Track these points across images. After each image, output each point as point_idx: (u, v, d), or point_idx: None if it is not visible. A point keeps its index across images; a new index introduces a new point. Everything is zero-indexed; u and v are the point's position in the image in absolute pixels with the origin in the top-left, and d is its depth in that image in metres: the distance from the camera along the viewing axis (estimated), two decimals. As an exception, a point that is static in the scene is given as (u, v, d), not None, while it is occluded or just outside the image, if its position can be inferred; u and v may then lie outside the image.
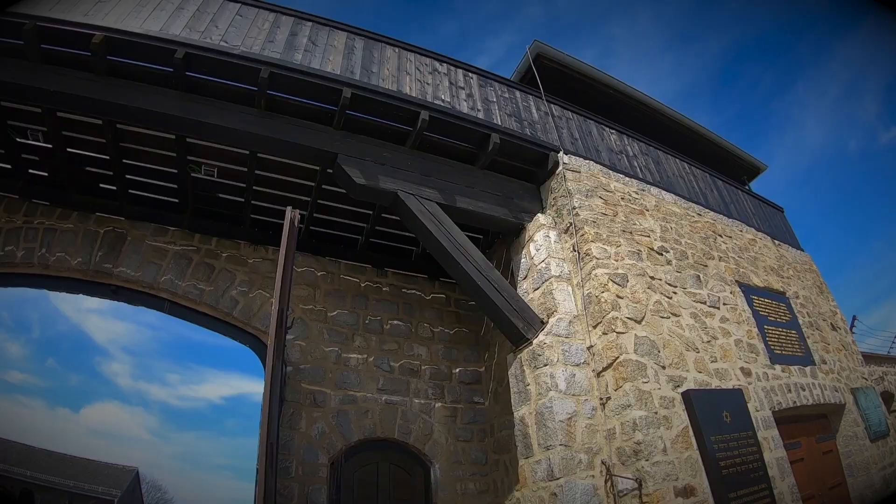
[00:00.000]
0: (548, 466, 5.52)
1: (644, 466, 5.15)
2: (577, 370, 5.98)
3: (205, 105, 6.48)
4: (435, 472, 7.53)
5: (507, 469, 7.19)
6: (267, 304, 7.69)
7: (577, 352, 6.10)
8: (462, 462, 7.63)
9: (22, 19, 6.33)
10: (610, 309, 6.06)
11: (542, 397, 5.87)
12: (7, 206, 7.97)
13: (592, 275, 6.38)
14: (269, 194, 8.05)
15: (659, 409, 5.59)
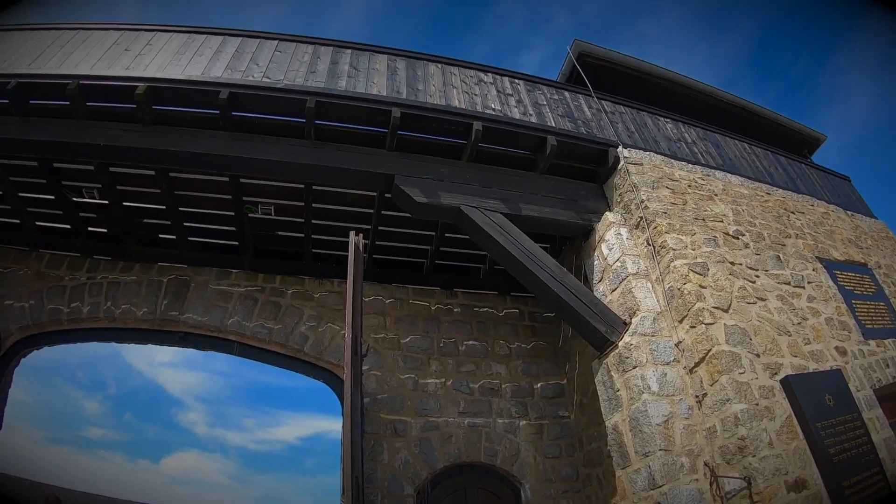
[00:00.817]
0: (648, 475, 5.20)
1: (751, 463, 4.79)
2: (668, 369, 5.66)
3: (254, 142, 6.44)
4: (525, 492, 7.22)
5: (601, 483, 6.85)
6: (338, 337, 7.56)
7: (665, 350, 5.78)
8: (552, 480, 7.31)
9: (65, 79, 6.44)
10: (694, 300, 5.74)
11: (634, 401, 5.57)
12: (70, 263, 8.14)
13: (671, 267, 6.07)
14: (329, 226, 7.95)
15: (759, 401, 5.23)
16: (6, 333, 7.79)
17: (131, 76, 6.51)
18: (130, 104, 6.49)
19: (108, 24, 7.51)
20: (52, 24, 7.64)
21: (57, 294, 7.90)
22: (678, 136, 8.45)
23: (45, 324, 7.81)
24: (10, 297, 7.93)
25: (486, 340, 8.11)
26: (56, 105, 6.73)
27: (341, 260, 8.01)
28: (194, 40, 7.15)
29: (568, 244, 7.81)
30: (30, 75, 6.71)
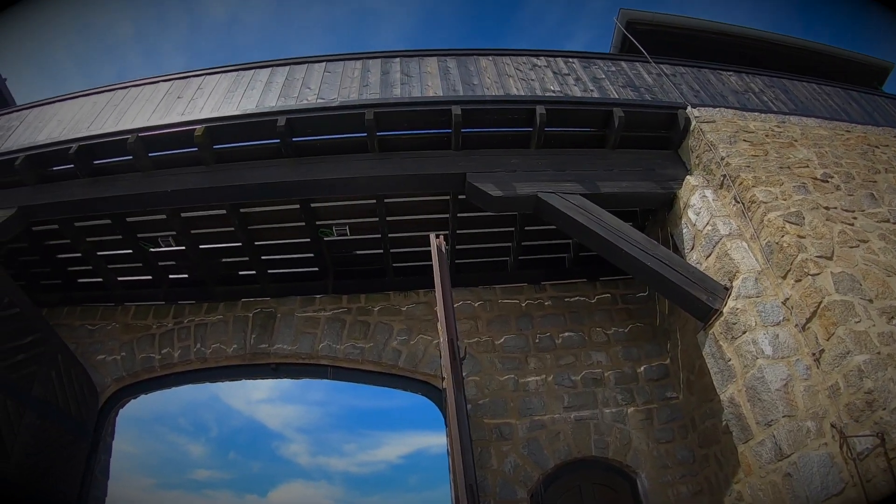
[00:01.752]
0: (773, 445, 4.86)
1: (882, 417, 4.38)
2: (779, 329, 5.32)
3: (320, 164, 6.44)
4: (641, 482, 6.92)
5: (720, 462, 6.50)
6: (431, 347, 7.46)
7: (773, 309, 5.44)
8: (668, 465, 6.98)
9: (124, 135, 6.60)
10: (796, 252, 5.39)
11: (748, 369, 5.24)
12: (156, 312, 8.37)
13: (765, 221, 5.74)
14: (406, 238, 7.88)
15: (881, 349, 4.82)
16: (102, 387, 8.02)
17: (187, 120, 6.59)
18: (191, 147, 6.57)
19: (157, 77, 7.64)
20: (105, 87, 7.85)
21: (147, 343, 8.11)
22: (744, 87, 8.11)
23: (138, 373, 8.04)
24: (102, 352, 8.19)
25: (581, 330, 7.84)
26: (120, 161, 6.90)
27: (423, 270, 7.89)
28: (243, 77, 7.20)
29: (650, 218, 7.51)
30: (90, 137, 6.88)
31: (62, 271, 8.84)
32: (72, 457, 7.51)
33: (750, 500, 5.31)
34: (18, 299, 6.84)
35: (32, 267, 8.88)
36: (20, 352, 6.79)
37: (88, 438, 7.81)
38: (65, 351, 7.63)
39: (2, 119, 8.42)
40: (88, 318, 8.63)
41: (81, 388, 7.74)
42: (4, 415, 6.47)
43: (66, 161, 7.06)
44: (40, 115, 8.03)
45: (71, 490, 7.46)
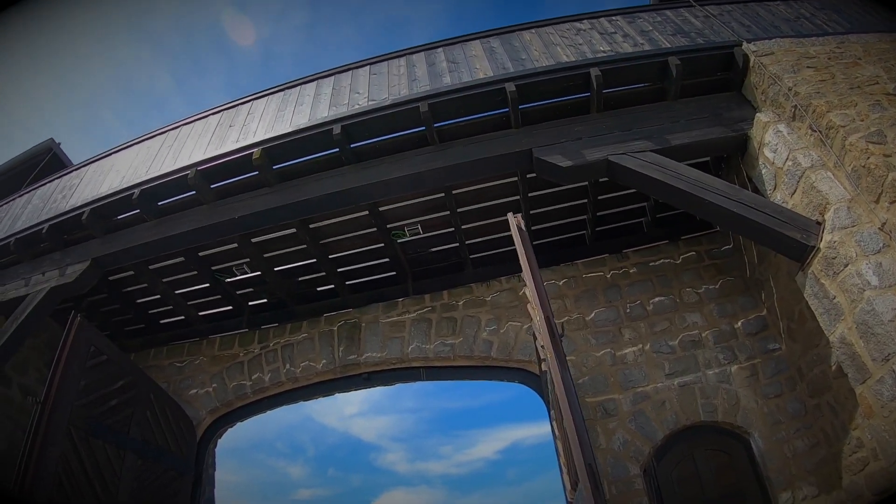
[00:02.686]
0: (894, 381, 4.56)
1: None
2: (881, 257, 5.00)
3: (381, 165, 6.37)
4: (755, 441, 6.62)
5: (834, 409, 6.15)
6: (522, 333, 7.32)
7: (871, 237, 5.12)
8: (780, 421, 6.66)
9: (183, 171, 6.71)
10: (885, 172, 5.08)
11: (856, 303, 4.93)
12: (240, 340, 8.50)
13: (846, 146, 5.44)
14: (479, 227, 7.79)
15: None
16: (198, 420, 8.16)
17: (243, 146, 6.61)
18: (252, 172, 6.62)
19: (206, 112, 7.74)
20: (156, 131, 8.00)
21: (236, 371, 8.23)
22: (794, 14, 7.77)
23: (232, 401, 8.16)
24: (194, 386, 8.35)
25: (671, 293, 7.56)
26: (183, 198, 6.99)
27: (502, 257, 7.91)
28: (290, 95, 7.21)
29: (724, 166, 7.24)
30: (150, 180, 6.98)
31: (144, 315, 9.01)
32: (177, 492, 7.63)
33: (873, 445, 5.01)
34: (105, 347, 6.94)
35: (115, 315, 9.08)
36: (113, 397, 6.92)
37: (191, 472, 7.93)
38: (157, 390, 7.75)
39: (63, 180, 8.62)
40: (176, 356, 8.82)
41: (178, 424, 7.87)
42: (105, 460, 6.60)
43: (131, 207, 7.18)
44: (98, 169, 8.18)
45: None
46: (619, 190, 7.22)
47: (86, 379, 6.54)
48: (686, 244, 7.91)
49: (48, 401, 5.98)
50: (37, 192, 8.95)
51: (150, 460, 7.25)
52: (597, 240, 8.08)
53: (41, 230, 7.80)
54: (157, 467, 7.34)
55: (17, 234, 8.13)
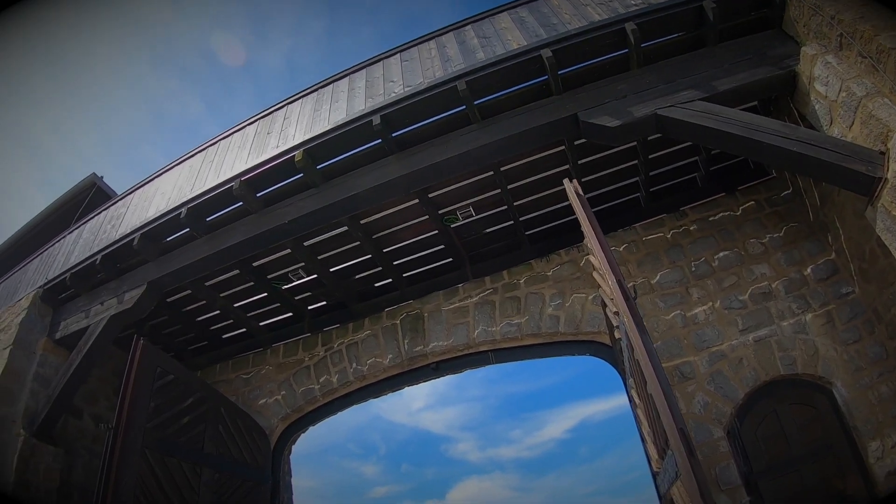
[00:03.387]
0: None
1: None
2: None
3: (426, 150, 6.30)
4: (838, 391, 6.36)
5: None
6: (588, 304, 7.16)
7: (939, 158, 4.89)
8: (862, 367, 6.38)
9: (227, 184, 6.76)
10: (945, 90, 4.84)
11: None
12: (304, 344, 8.59)
13: (902, 66, 5.19)
14: (532, 202, 7.64)
15: None
16: (270, 429, 8.21)
17: (284, 150, 6.60)
18: (296, 175, 6.63)
19: (242, 123, 7.78)
20: (196, 150, 8.09)
21: (303, 376, 8.28)
22: (821, -63, 7.50)
23: (302, 406, 8.20)
24: (262, 396, 8.43)
25: (735, 246, 7.30)
26: (231, 210, 7.04)
27: (558, 230, 7.81)
28: (324, 94, 7.17)
29: (773, 109, 6.99)
30: (195, 197, 7.02)
31: (206, 332, 9.11)
32: (256, 502, 7.70)
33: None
34: (171, 367, 7.02)
35: (177, 336, 9.19)
36: (184, 415, 6.99)
37: (268, 481, 8.00)
38: (227, 404, 7.81)
39: (110, 210, 8.73)
40: (242, 369, 8.93)
41: (251, 435, 7.93)
42: (182, 478, 6.68)
43: (180, 227, 7.26)
44: (143, 195, 8.27)
45: None
46: (669, 147, 7.03)
47: (155, 400, 6.61)
48: (744, 194, 7.64)
49: (120, 426, 6.05)
50: (86, 226, 9.09)
51: (227, 473, 7.31)
52: (652, 200, 7.85)
53: (95, 261, 7.92)
54: (234, 480, 7.40)
55: (72, 269, 8.28)
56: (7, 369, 7.80)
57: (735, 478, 5.90)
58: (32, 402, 7.75)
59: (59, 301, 8.76)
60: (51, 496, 7.41)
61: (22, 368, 7.99)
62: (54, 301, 8.75)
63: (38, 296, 8.62)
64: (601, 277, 5.33)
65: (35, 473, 7.29)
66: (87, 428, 8.35)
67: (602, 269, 4.82)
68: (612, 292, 4.68)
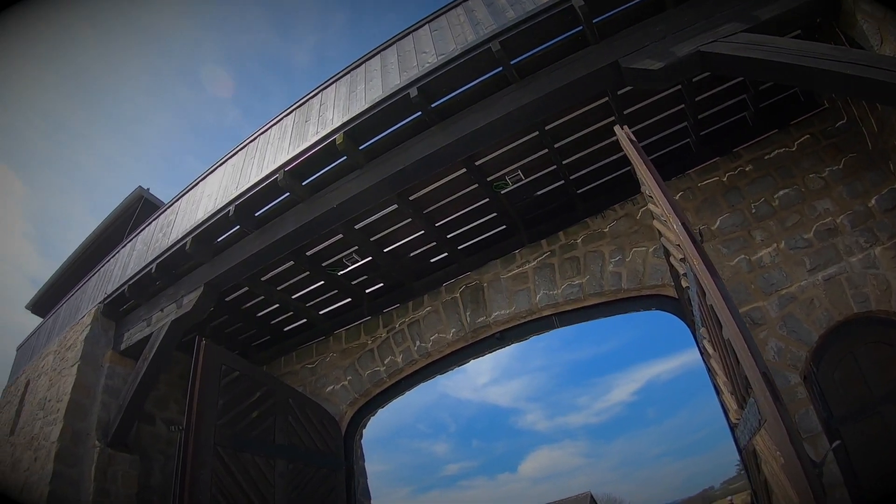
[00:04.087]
0: None
1: None
2: None
3: (468, 116, 6.19)
4: (915, 326, 6.10)
5: None
6: (650, 257, 6.97)
7: None
8: (938, 298, 6.12)
9: (271, 176, 6.87)
10: None
11: None
12: (365, 328, 8.67)
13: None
14: (581, 159, 7.44)
15: None
16: (340, 415, 8.31)
17: (323, 136, 6.59)
18: (339, 158, 6.62)
19: (278, 116, 7.79)
20: (236, 149, 8.12)
21: (368, 359, 8.33)
22: None
23: (369, 390, 8.26)
24: (329, 383, 8.54)
25: (794, 183, 7.00)
26: (279, 202, 7.10)
27: (610, 184, 7.63)
28: (357, 74, 7.12)
29: (818, 34, 6.69)
30: (241, 194, 7.10)
31: (267, 326, 9.24)
32: (332, 489, 7.78)
33: None
34: (235, 363, 7.08)
35: (240, 334, 9.33)
36: (252, 409, 7.06)
37: (342, 467, 8.08)
38: (294, 394, 7.86)
39: (160, 219, 8.87)
40: (306, 359, 9.06)
41: (321, 423, 7.99)
42: (257, 472, 6.76)
43: (230, 225, 7.34)
44: (190, 199, 8.37)
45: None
46: (714, 87, 6.81)
47: (223, 398, 6.69)
48: (797, 129, 7.33)
49: (191, 426, 6.14)
50: (139, 238, 9.26)
51: (300, 463, 7.39)
52: (703, 145, 7.59)
53: (150, 270, 8.08)
54: (308, 469, 7.48)
55: (129, 280, 8.48)
56: (77, 385, 8.08)
57: (815, 424, 5.68)
58: (104, 413, 8.02)
59: (121, 313, 8.97)
60: (130, 502, 7.65)
61: (91, 382, 8.27)
62: (116, 314, 8.98)
63: (100, 311, 8.86)
64: (663, 224, 5.17)
65: (114, 482, 7.54)
66: (160, 433, 8.53)
67: (664, 214, 4.64)
68: (676, 237, 4.50)
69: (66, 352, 8.86)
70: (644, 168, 4.81)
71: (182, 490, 5.85)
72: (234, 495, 6.34)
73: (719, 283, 4.02)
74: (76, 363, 8.26)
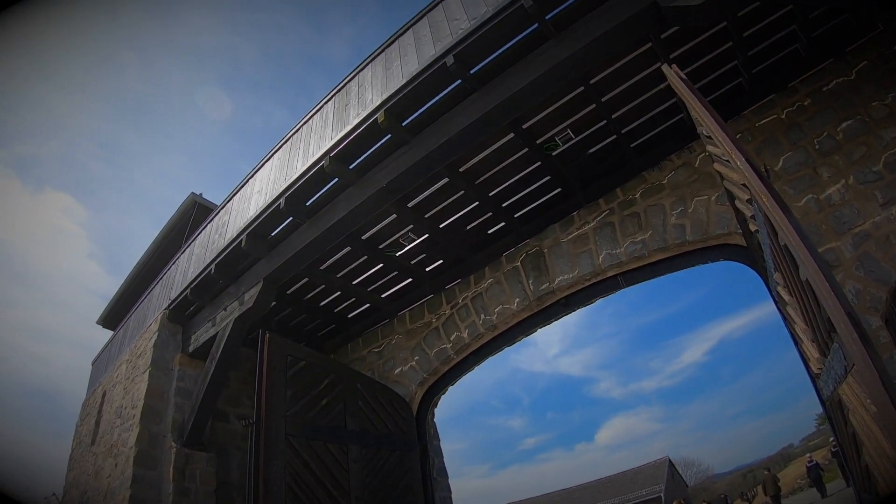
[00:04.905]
0: None
1: None
2: None
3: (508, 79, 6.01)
4: None
5: None
6: (713, 206, 6.67)
7: None
8: None
9: (318, 163, 6.88)
10: None
11: None
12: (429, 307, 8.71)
13: None
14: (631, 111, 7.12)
15: None
16: (410, 396, 8.34)
17: (364, 117, 6.54)
18: (384, 137, 6.57)
19: (318, 104, 7.76)
20: (281, 142, 8.16)
21: (434, 338, 8.31)
22: None
23: (437, 368, 8.25)
24: (396, 365, 8.59)
25: (857, 113, 6.52)
26: (328, 189, 7.11)
27: (664, 135, 7.31)
28: (391, 52, 7.02)
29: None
30: (290, 185, 7.11)
31: (331, 315, 9.36)
32: (408, 470, 7.82)
33: None
34: (300, 353, 7.15)
35: (305, 325, 9.51)
36: (321, 397, 7.11)
37: (416, 448, 8.10)
38: (362, 379, 7.90)
39: (215, 221, 9.00)
40: (372, 343, 9.14)
41: (391, 405, 8.03)
42: (331, 459, 6.82)
43: (282, 217, 7.40)
44: (241, 197, 8.45)
45: (417, 498, 7.77)
46: (762, 21, 6.47)
47: (291, 388, 6.76)
48: (854, 56, 6.87)
49: (260, 418, 6.23)
50: (196, 242, 9.41)
51: (373, 447, 7.42)
52: (756, 83, 7.18)
53: (210, 271, 8.20)
54: (381, 452, 7.50)
55: (191, 284, 8.64)
56: (150, 389, 8.32)
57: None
58: (178, 414, 8.23)
59: (186, 317, 9.18)
60: (210, 499, 7.85)
61: (163, 386, 8.50)
62: (181, 318, 9.19)
63: (165, 316, 9.09)
64: (725, 165, 4.92)
65: (192, 480, 7.75)
66: (235, 429, 8.69)
67: (725, 153, 4.38)
68: (741, 175, 4.20)
69: (137, 359, 9.08)
70: (699, 105, 4.55)
71: (256, 483, 5.94)
72: (308, 484, 6.40)
73: (792, 220, 3.71)
74: (147, 369, 8.48)
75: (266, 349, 6.62)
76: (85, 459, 9.82)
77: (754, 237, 5.25)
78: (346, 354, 9.49)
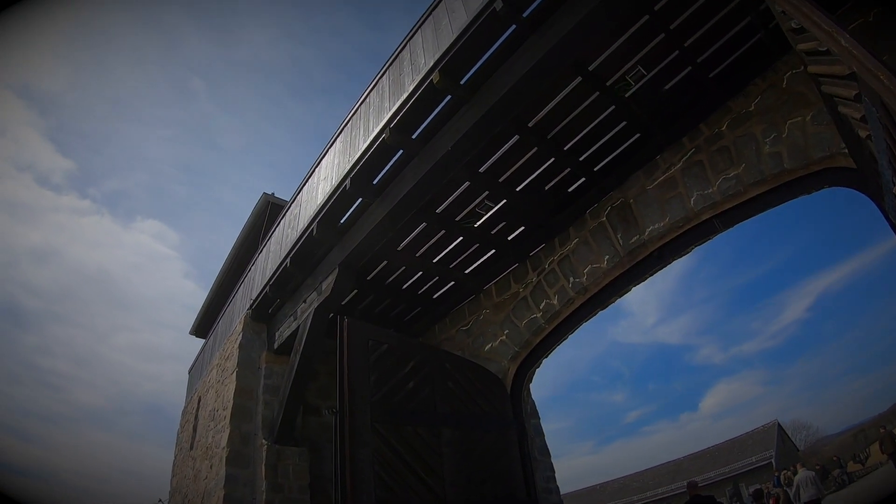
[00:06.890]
0: None
1: None
2: None
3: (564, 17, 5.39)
4: None
5: None
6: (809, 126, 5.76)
7: None
8: None
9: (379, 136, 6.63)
10: None
11: None
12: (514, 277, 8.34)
13: None
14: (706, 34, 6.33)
15: None
16: (503, 372, 7.99)
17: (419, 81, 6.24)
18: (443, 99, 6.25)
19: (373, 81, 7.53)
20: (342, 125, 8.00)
21: (522, 308, 7.91)
22: None
23: (529, 340, 7.86)
24: (486, 341, 8.27)
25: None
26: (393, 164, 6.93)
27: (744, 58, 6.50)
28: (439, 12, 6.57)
29: None
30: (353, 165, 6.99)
31: (414, 297, 9.16)
32: (504, 450, 7.48)
33: None
34: (382, 336, 6.94)
35: (389, 311, 9.39)
36: (408, 380, 6.87)
37: (512, 426, 7.76)
38: (451, 359, 7.65)
39: (287, 215, 9.00)
40: (459, 322, 8.88)
41: (483, 383, 7.70)
42: (421, 444, 6.57)
43: (350, 199, 7.23)
44: (308, 188, 8.41)
45: (516, 479, 7.46)
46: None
47: (374, 373, 6.54)
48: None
49: (344, 406, 6.05)
50: (272, 239, 9.44)
51: (466, 428, 7.12)
52: None
53: (286, 265, 8.21)
54: (475, 433, 7.21)
55: (270, 281, 8.68)
56: (238, 389, 8.40)
57: None
58: (268, 412, 8.25)
59: (269, 315, 9.23)
60: (304, 493, 7.81)
61: (251, 385, 8.56)
62: (265, 316, 9.25)
63: (249, 316, 9.19)
64: (823, 61, 4.23)
65: (285, 476, 7.72)
66: (326, 422, 8.65)
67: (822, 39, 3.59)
68: (846, 62, 3.43)
69: (225, 362, 9.16)
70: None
71: (343, 472, 5.76)
72: (398, 471, 6.19)
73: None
74: (234, 370, 8.56)
75: (346, 334, 6.44)
76: (185, 464, 10.05)
77: (864, 147, 4.52)
78: (434, 336, 9.26)
